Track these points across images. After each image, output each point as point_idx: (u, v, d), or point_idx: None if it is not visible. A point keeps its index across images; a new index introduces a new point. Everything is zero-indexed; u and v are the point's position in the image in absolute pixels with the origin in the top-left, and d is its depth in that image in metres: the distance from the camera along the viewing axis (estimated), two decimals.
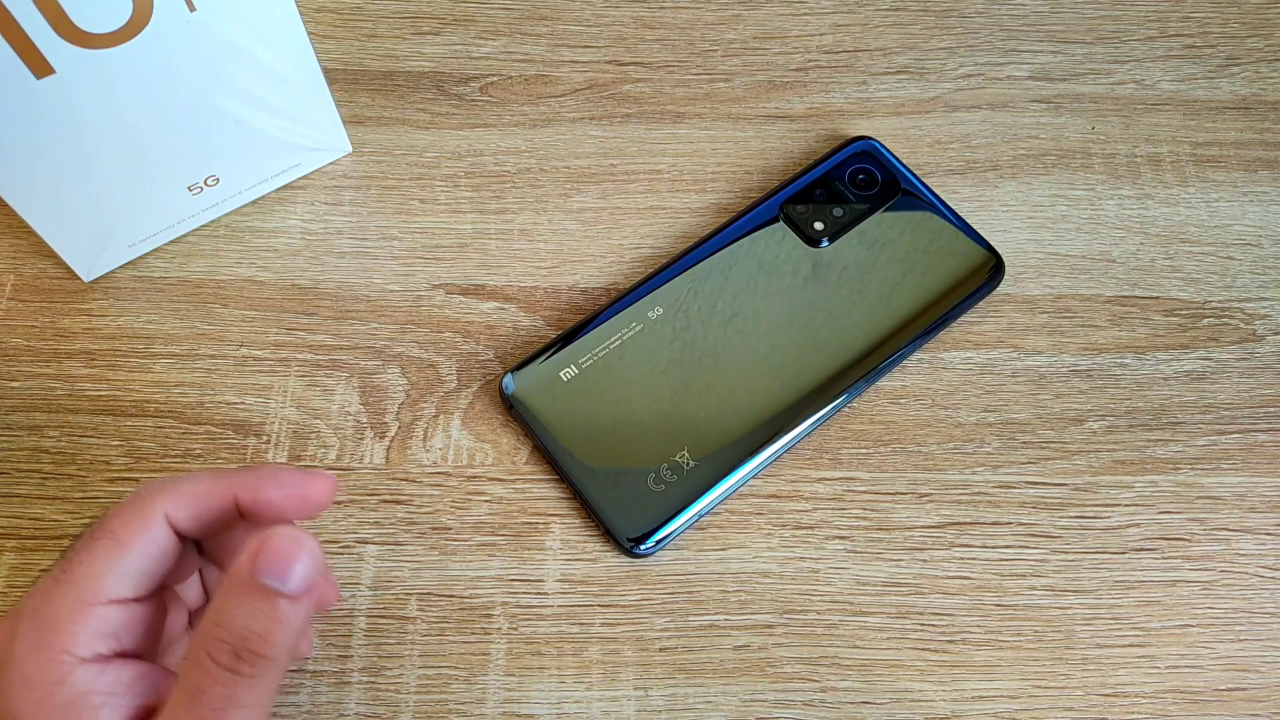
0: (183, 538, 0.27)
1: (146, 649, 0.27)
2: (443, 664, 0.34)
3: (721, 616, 0.35)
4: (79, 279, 0.40)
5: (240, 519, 0.28)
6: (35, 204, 0.36)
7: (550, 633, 0.35)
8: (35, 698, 0.26)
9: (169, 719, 0.25)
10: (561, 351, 0.38)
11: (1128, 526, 0.36)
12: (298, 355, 0.39)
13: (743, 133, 0.44)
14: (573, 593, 0.35)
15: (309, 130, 0.40)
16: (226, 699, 0.24)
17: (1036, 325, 0.40)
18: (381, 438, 0.37)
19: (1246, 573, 0.36)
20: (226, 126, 0.38)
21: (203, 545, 0.30)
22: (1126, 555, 0.36)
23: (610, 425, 0.37)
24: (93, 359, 0.38)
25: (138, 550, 0.26)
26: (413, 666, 0.34)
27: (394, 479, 0.37)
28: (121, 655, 0.27)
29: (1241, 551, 0.36)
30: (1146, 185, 0.43)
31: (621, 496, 0.36)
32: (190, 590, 0.31)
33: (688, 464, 0.36)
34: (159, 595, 0.28)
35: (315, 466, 0.37)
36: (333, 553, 0.35)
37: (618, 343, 0.38)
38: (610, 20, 0.46)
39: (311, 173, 0.42)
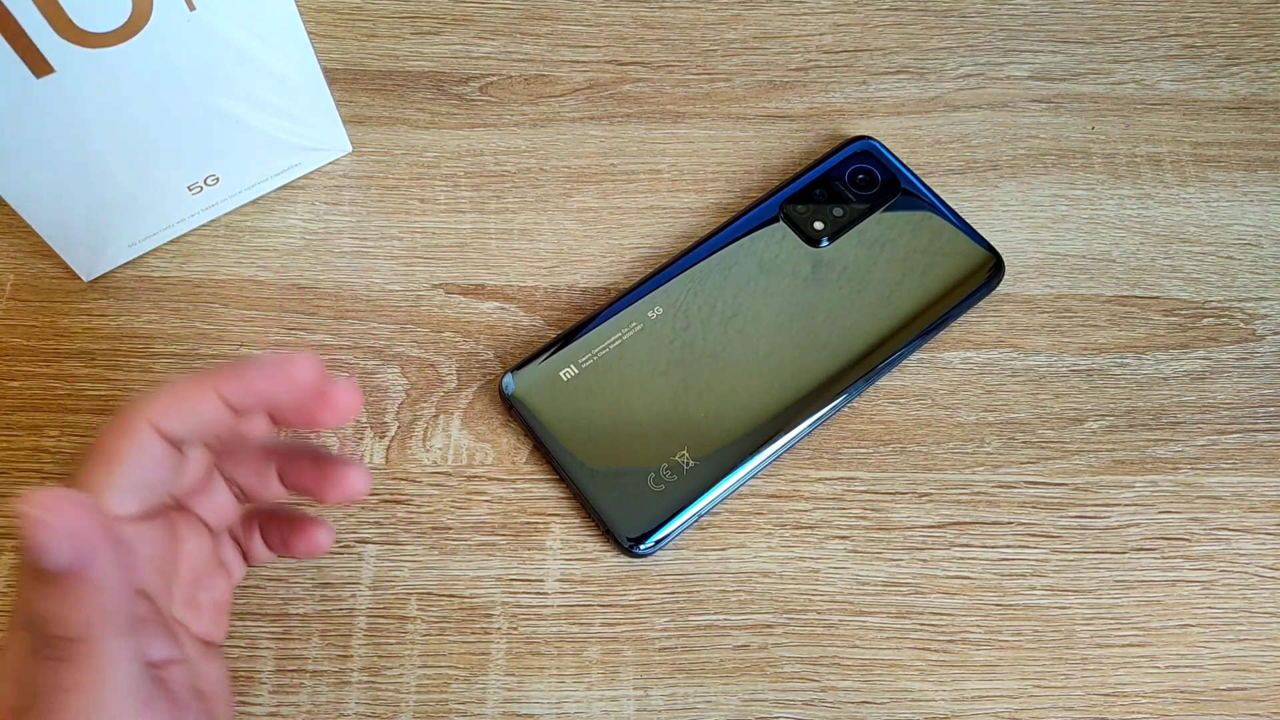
0: (179, 447, 0.27)
1: (151, 580, 0.27)
2: (443, 664, 0.34)
3: (721, 616, 0.35)
4: (79, 279, 0.40)
5: (237, 419, 0.27)
6: (35, 204, 0.36)
7: (550, 632, 0.35)
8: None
9: None
10: (561, 351, 0.38)
11: (1128, 526, 0.36)
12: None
13: (743, 132, 0.44)
14: (573, 592, 0.35)
15: (309, 130, 0.40)
16: (51, 688, 0.24)
17: (1036, 325, 0.40)
18: (381, 437, 0.37)
19: (1246, 573, 0.36)
20: (226, 126, 0.38)
21: (223, 469, 0.30)
22: (1126, 555, 0.36)
23: (610, 425, 0.37)
24: (93, 359, 0.38)
25: (130, 462, 0.26)
26: (413, 666, 0.34)
27: (394, 479, 0.37)
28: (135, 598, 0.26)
29: (1241, 551, 0.36)
30: (1146, 185, 0.43)
31: (621, 496, 0.36)
32: (218, 507, 0.30)
33: (688, 464, 0.36)
34: (168, 523, 0.28)
35: None
36: (333, 552, 0.35)
37: (618, 343, 0.38)
38: (610, 20, 0.46)
39: (311, 173, 0.42)
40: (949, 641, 0.35)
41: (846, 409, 0.38)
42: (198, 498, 0.30)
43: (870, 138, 0.42)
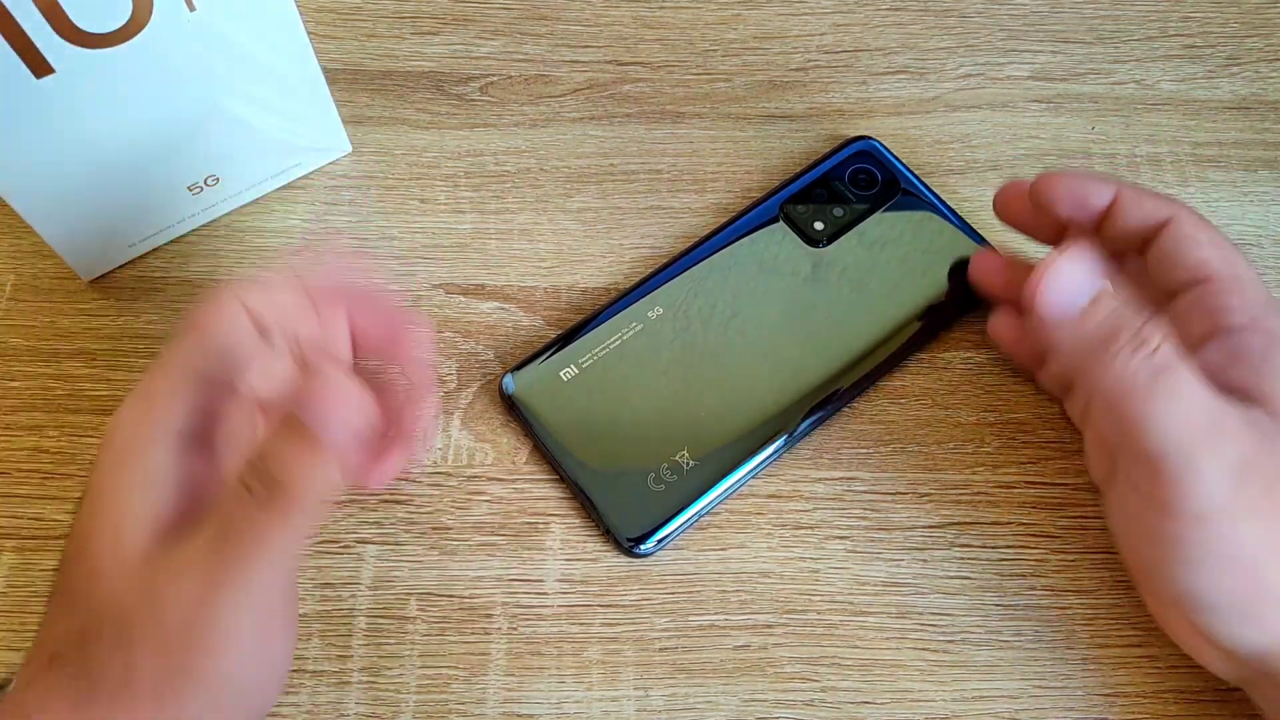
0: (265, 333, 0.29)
1: (219, 440, 0.29)
2: (443, 664, 0.34)
3: (721, 616, 0.35)
4: (79, 279, 0.40)
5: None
6: (35, 204, 0.36)
7: (550, 633, 0.35)
8: (115, 454, 0.27)
9: (199, 546, 0.26)
10: (561, 351, 0.38)
11: None
12: None
13: (743, 133, 0.44)
14: (573, 593, 0.35)
15: (309, 130, 0.40)
16: (254, 535, 0.25)
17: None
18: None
19: None
20: (226, 126, 0.38)
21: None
22: None
23: (610, 425, 0.37)
24: (93, 359, 0.38)
25: (218, 333, 0.28)
26: (413, 666, 0.34)
27: (394, 478, 0.37)
28: (200, 441, 0.28)
29: None
30: (1146, 185, 0.43)
31: (621, 496, 0.36)
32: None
33: (688, 464, 0.36)
34: (238, 399, 0.29)
35: None
36: (333, 553, 0.35)
37: (618, 343, 0.38)
38: (610, 20, 0.46)
39: (311, 173, 0.42)
40: (949, 641, 0.35)
41: (846, 409, 0.38)
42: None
43: (870, 138, 0.42)
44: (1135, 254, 0.34)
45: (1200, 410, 0.28)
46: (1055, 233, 0.35)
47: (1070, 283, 0.29)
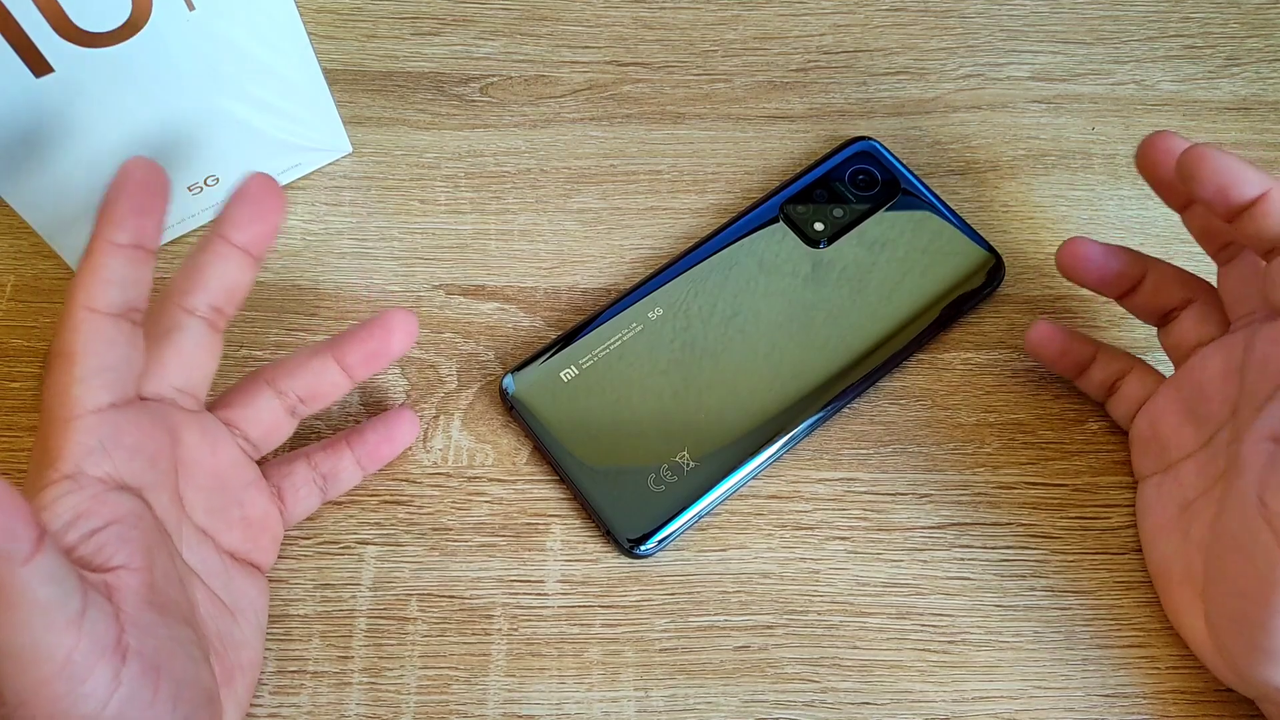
0: (129, 319, 0.29)
1: (140, 473, 0.29)
2: (443, 665, 0.34)
3: (722, 617, 0.35)
4: None
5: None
6: (35, 204, 0.36)
7: (551, 633, 0.35)
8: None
9: None
10: (562, 352, 0.38)
11: (1128, 526, 0.36)
12: None
13: (743, 133, 0.44)
14: (573, 593, 0.35)
15: (309, 130, 0.40)
16: None
17: None
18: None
19: None
20: (226, 126, 0.38)
21: (274, 382, 0.34)
22: (1126, 555, 0.36)
23: (610, 426, 0.37)
24: None
25: (85, 354, 0.27)
26: (413, 667, 0.34)
27: (394, 479, 0.37)
28: (116, 481, 0.28)
29: None
30: (1146, 186, 0.43)
31: (622, 497, 0.36)
32: (260, 418, 0.34)
33: (688, 464, 0.36)
34: (162, 420, 0.30)
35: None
36: (333, 553, 0.35)
37: (618, 343, 0.38)
38: (610, 20, 0.46)
39: (311, 173, 0.42)
40: (949, 642, 0.35)
41: (846, 409, 0.38)
42: (235, 409, 0.33)
43: (870, 138, 0.42)
44: (1256, 252, 0.32)
45: None
46: (1184, 202, 0.35)
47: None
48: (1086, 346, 0.37)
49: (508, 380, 0.37)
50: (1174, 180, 0.33)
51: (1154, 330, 0.38)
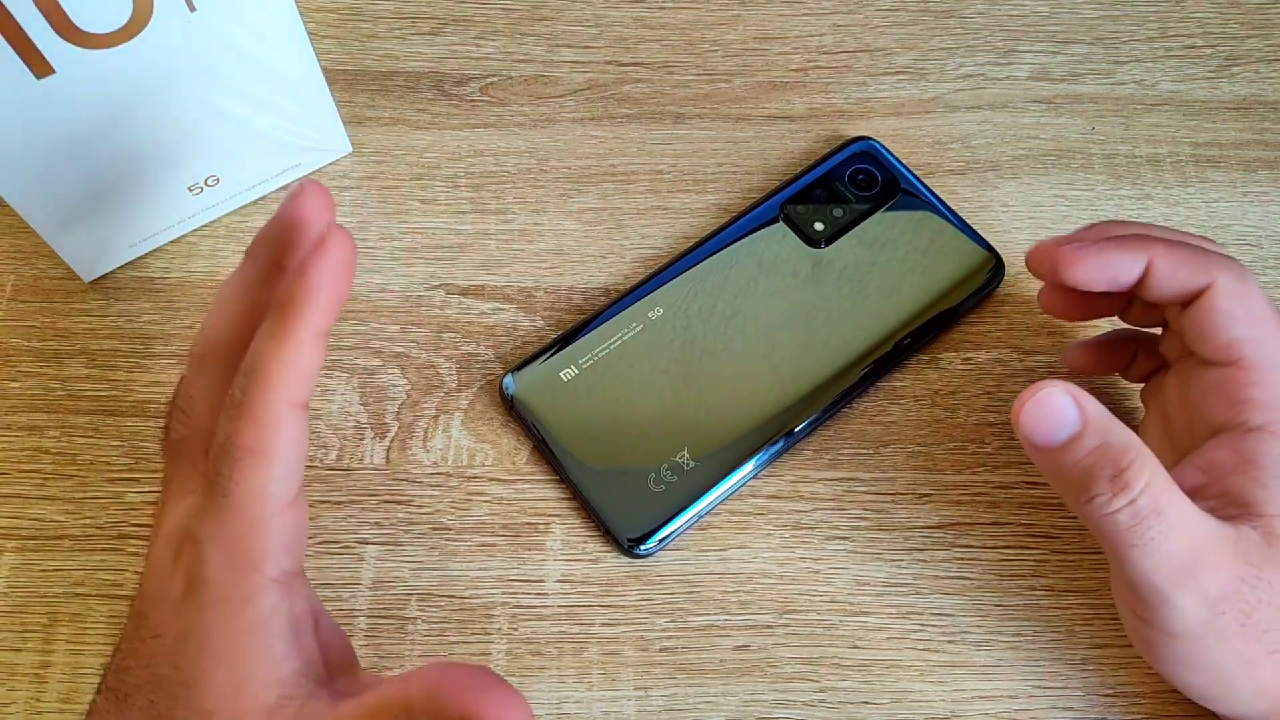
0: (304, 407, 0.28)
1: (302, 545, 0.28)
2: None
3: (722, 617, 0.35)
4: (79, 279, 0.40)
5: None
6: (35, 204, 0.36)
7: (550, 633, 0.35)
8: (224, 616, 0.26)
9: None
10: (562, 352, 0.38)
11: None
12: None
13: (743, 133, 0.44)
14: (573, 593, 0.35)
15: (309, 130, 0.40)
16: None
17: (1036, 325, 0.40)
18: (381, 438, 0.37)
19: None
20: (227, 126, 0.38)
21: None
22: None
23: (610, 425, 0.37)
24: (93, 359, 0.38)
25: (284, 452, 0.26)
26: (413, 667, 0.34)
27: (394, 479, 0.37)
28: (295, 574, 0.27)
29: None
30: (1146, 185, 0.43)
31: (621, 496, 0.36)
32: None
33: (688, 464, 0.36)
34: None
35: (315, 468, 0.37)
36: (333, 553, 0.35)
37: (618, 343, 0.38)
38: (610, 20, 0.46)
39: (311, 173, 0.42)
40: (949, 642, 0.35)
41: (846, 409, 0.38)
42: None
43: (870, 138, 0.42)
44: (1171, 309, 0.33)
45: (1181, 550, 0.27)
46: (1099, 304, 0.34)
47: (1051, 414, 0.27)
48: (1124, 348, 0.36)
49: (508, 380, 0.37)
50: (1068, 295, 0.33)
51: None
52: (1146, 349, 0.36)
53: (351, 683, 0.27)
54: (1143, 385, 0.36)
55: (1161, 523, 0.27)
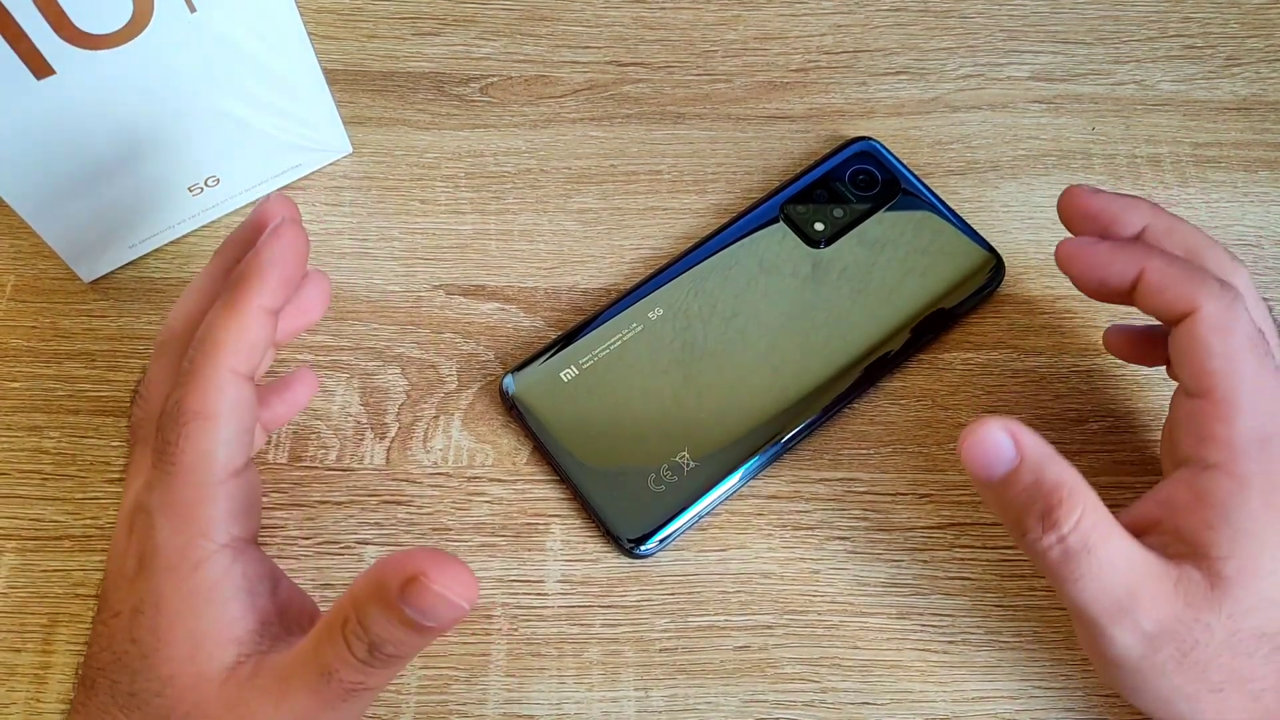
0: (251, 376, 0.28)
1: (255, 515, 0.29)
2: (443, 665, 0.34)
3: (722, 617, 0.35)
4: (79, 280, 0.40)
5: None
6: (36, 205, 0.36)
7: (550, 633, 0.35)
8: (175, 582, 0.27)
9: (300, 685, 0.26)
10: (562, 352, 0.38)
11: None
12: (298, 356, 0.39)
13: (743, 133, 0.44)
14: (573, 593, 0.35)
15: (309, 131, 0.40)
16: (357, 684, 0.26)
17: (1037, 325, 0.40)
18: (382, 438, 0.37)
19: None
20: (226, 127, 0.38)
21: None
22: None
23: (610, 426, 0.37)
24: (93, 360, 0.38)
25: (228, 416, 0.27)
26: (413, 667, 0.34)
27: (394, 479, 0.37)
28: (247, 540, 0.28)
29: None
30: (1146, 186, 0.43)
31: (622, 497, 0.36)
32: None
33: (688, 464, 0.36)
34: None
35: (315, 468, 0.37)
36: (333, 553, 0.35)
37: (618, 343, 0.38)
38: (610, 20, 0.46)
39: (311, 173, 0.42)
40: (949, 642, 0.35)
41: (847, 409, 0.38)
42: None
43: (870, 138, 0.42)
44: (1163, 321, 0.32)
45: (1115, 587, 0.27)
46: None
47: (991, 449, 0.27)
48: (1162, 342, 0.35)
49: (508, 380, 0.37)
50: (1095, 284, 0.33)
51: None
52: None
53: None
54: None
55: (1092, 560, 0.27)
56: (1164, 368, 0.37)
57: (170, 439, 0.27)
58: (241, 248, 0.31)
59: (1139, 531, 0.29)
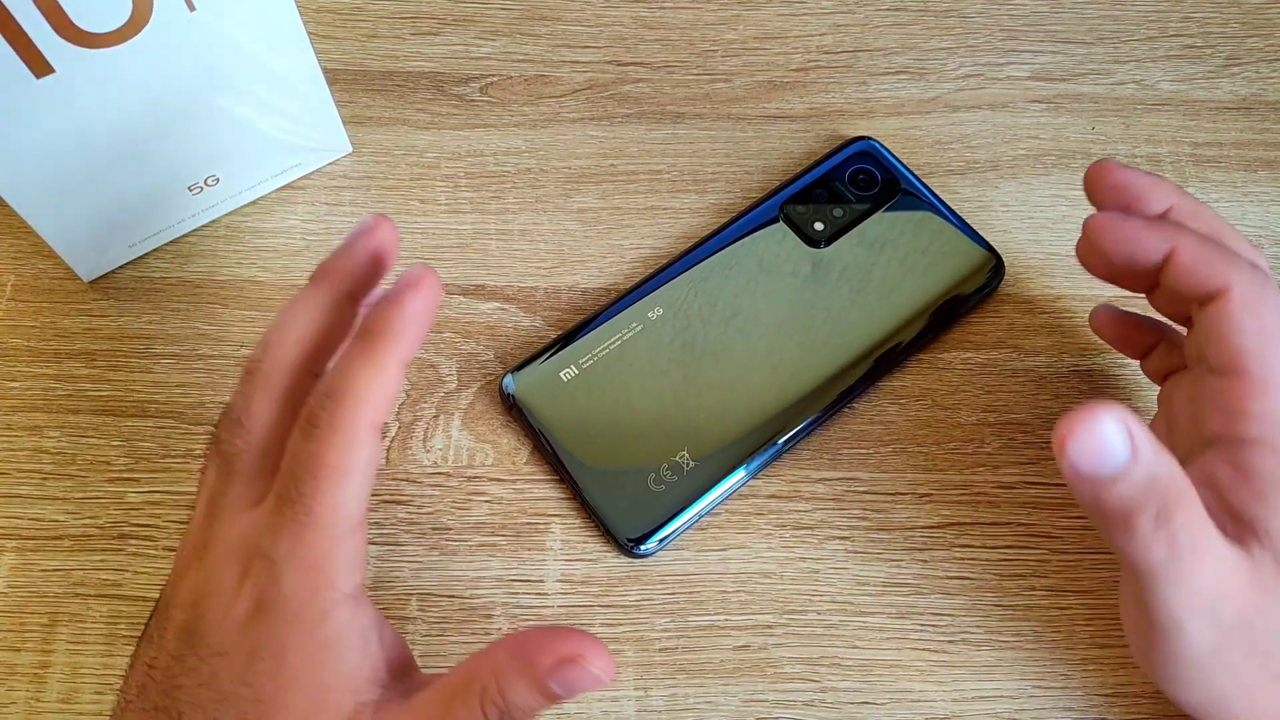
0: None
1: (366, 562, 0.29)
2: (443, 664, 0.34)
3: (722, 617, 0.35)
4: (79, 279, 0.40)
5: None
6: (35, 204, 0.36)
7: None
8: (302, 632, 0.26)
9: None
10: (562, 352, 0.38)
11: None
12: None
13: (743, 133, 0.44)
14: (573, 593, 0.35)
15: (309, 130, 0.40)
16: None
17: (1036, 325, 0.40)
18: (381, 438, 0.37)
19: None
20: (227, 126, 0.38)
21: None
22: None
23: (610, 425, 0.37)
24: (93, 359, 0.38)
25: (364, 471, 0.27)
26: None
27: (394, 479, 0.37)
28: (362, 588, 0.28)
29: None
30: None
31: (622, 496, 0.36)
32: None
33: (688, 464, 0.36)
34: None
35: None
36: None
37: (618, 343, 0.38)
38: (610, 20, 0.46)
39: (311, 173, 0.42)
40: (949, 642, 0.35)
41: (846, 409, 0.38)
42: None
43: (870, 138, 0.42)
44: (1184, 310, 0.32)
45: (1208, 585, 0.27)
46: (1144, 285, 0.34)
47: (1101, 444, 0.25)
48: (1148, 335, 0.36)
49: (508, 380, 0.37)
50: (1119, 269, 0.33)
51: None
52: (1170, 343, 0.35)
53: (412, 683, 0.28)
54: (1160, 385, 0.36)
55: (1196, 559, 0.27)
56: (1138, 363, 0.37)
57: (304, 490, 0.26)
58: (349, 280, 0.30)
59: None
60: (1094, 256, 0.33)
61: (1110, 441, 0.25)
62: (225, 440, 0.29)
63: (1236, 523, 0.29)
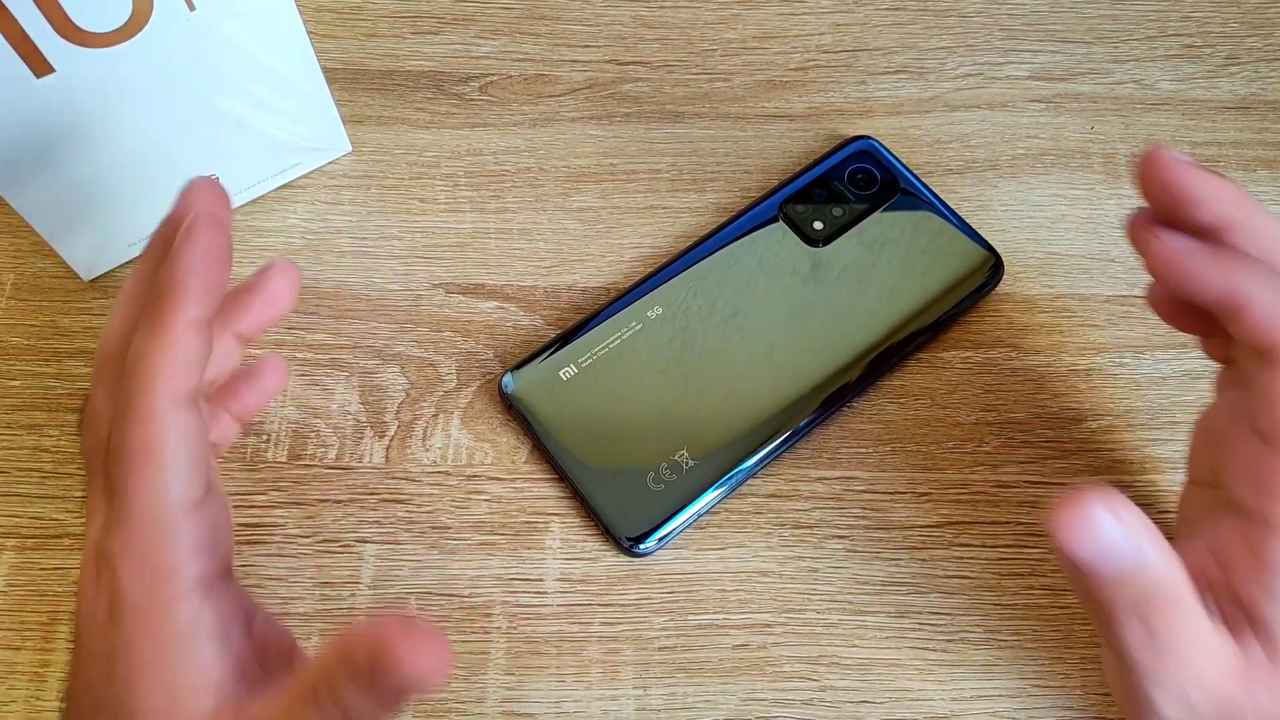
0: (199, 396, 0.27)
1: (223, 545, 0.27)
2: None
3: (720, 616, 0.35)
4: (79, 278, 0.40)
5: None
6: (35, 204, 0.36)
7: (549, 632, 0.35)
8: (146, 630, 0.25)
9: None
10: (561, 351, 0.38)
11: None
12: (297, 354, 0.39)
13: (742, 132, 0.44)
14: (572, 592, 0.35)
15: (309, 130, 0.41)
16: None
17: (1036, 325, 0.40)
18: (381, 437, 0.37)
19: None
20: (226, 126, 0.38)
21: None
22: None
23: (610, 424, 0.37)
24: (93, 358, 0.38)
25: (175, 450, 0.25)
26: None
27: (393, 478, 0.37)
28: (218, 575, 0.26)
29: None
30: None
31: (621, 496, 0.36)
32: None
33: (687, 463, 0.36)
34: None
35: (315, 467, 0.37)
36: (332, 552, 0.36)
37: (617, 342, 0.38)
38: (610, 20, 0.46)
39: (311, 172, 0.42)
40: (948, 641, 0.35)
41: (846, 408, 0.38)
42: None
43: (869, 137, 0.42)
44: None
45: (1190, 679, 0.26)
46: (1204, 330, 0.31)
47: (1109, 547, 0.24)
48: (1206, 319, 0.31)
49: (507, 379, 0.37)
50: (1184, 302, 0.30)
51: (1152, 331, 0.38)
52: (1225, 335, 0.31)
53: (292, 675, 0.26)
54: (1220, 368, 0.32)
55: (1177, 658, 0.26)
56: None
57: (118, 480, 0.25)
58: (165, 244, 0.27)
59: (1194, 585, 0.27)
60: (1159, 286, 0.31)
61: (1117, 546, 0.24)
62: (83, 439, 0.28)
63: (1238, 609, 0.27)
